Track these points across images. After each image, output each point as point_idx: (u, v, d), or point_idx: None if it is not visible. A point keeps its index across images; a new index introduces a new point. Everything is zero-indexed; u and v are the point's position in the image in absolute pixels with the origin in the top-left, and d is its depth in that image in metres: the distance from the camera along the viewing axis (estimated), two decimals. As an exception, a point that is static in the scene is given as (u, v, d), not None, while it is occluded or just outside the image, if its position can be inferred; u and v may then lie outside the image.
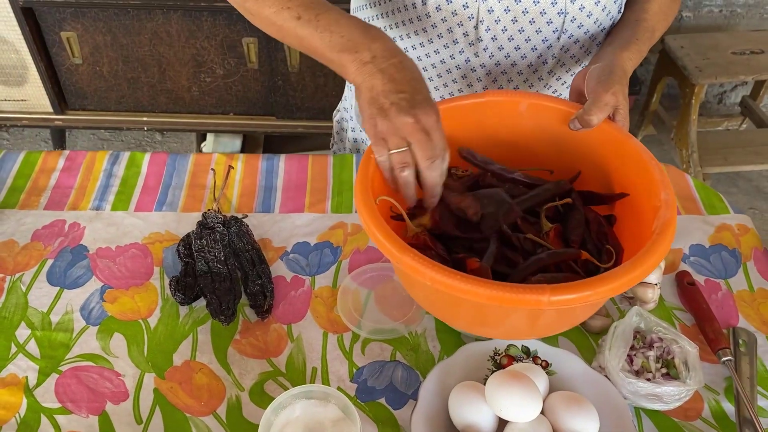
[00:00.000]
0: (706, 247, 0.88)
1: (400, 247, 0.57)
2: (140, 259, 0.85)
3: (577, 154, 0.69)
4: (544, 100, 0.69)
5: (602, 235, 0.66)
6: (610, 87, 0.66)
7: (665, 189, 0.61)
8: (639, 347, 0.72)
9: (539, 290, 0.52)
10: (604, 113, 0.66)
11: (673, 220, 0.59)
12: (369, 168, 0.64)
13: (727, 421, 0.70)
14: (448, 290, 0.55)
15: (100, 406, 0.70)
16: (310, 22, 0.66)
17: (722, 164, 2.02)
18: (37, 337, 0.76)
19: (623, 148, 0.67)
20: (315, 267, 0.85)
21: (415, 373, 0.74)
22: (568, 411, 0.65)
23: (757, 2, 2.25)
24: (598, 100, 0.66)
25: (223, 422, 0.69)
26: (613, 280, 0.54)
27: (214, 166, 0.96)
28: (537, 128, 0.70)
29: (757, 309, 0.80)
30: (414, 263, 0.56)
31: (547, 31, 0.78)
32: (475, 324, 0.65)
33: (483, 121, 0.70)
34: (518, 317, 0.61)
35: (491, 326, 0.65)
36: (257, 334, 0.77)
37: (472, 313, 0.63)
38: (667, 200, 0.60)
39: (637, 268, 0.55)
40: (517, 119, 0.70)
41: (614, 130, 0.68)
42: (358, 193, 0.62)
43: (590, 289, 0.53)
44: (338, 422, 0.65)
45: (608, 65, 0.69)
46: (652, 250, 0.56)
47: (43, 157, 0.99)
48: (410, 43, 0.82)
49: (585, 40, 0.81)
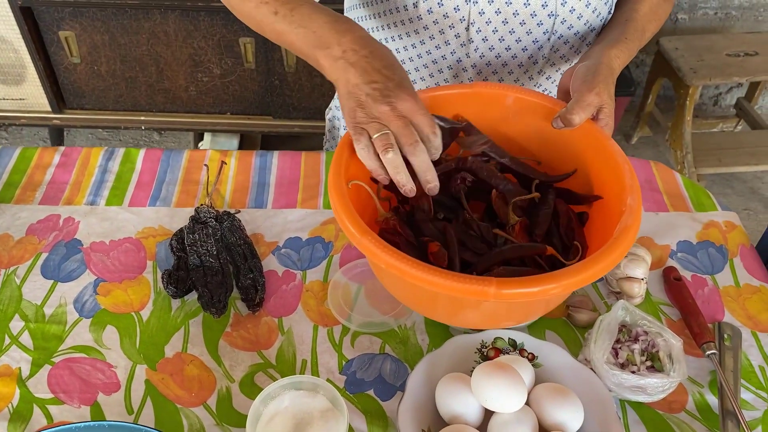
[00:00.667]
0: (693, 243, 0.89)
1: (362, 230, 0.57)
2: (133, 253, 0.86)
3: (559, 152, 0.70)
4: (529, 95, 0.70)
5: (570, 231, 0.66)
6: (594, 86, 0.66)
7: (632, 194, 0.61)
8: (624, 340, 0.73)
9: (486, 282, 0.53)
10: (587, 113, 0.66)
11: (633, 227, 0.59)
12: (343, 154, 0.65)
13: (710, 414, 0.71)
14: (400, 275, 0.56)
15: (92, 397, 0.71)
16: (285, 17, 0.67)
17: (716, 165, 2.03)
18: (31, 329, 0.77)
19: (602, 149, 0.67)
20: (306, 262, 0.86)
21: (403, 366, 0.75)
22: (553, 402, 0.66)
23: (752, 5, 2.26)
24: (581, 99, 0.66)
25: (213, 413, 0.70)
26: (562, 278, 0.55)
27: (208, 163, 0.97)
28: (522, 122, 0.70)
29: (743, 304, 0.81)
30: (372, 246, 0.56)
31: (538, 33, 0.79)
32: (428, 309, 0.67)
33: (470, 111, 0.71)
34: (469, 306, 0.62)
35: (443, 312, 0.66)
36: (248, 327, 0.78)
37: (426, 299, 0.64)
38: (632, 206, 0.60)
39: (588, 269, 0.55)
40: (503, 112, 0.71)
41: (595, 131, 0.68)
42: (331, 177, 0.62)
43: (537, 285, 0.54)
44: (326, 413, 0.66)
45: (594, 64, 0.69)
46: (605, 254, 0.56)
47: (39, 153, 1.00)
48: (402, 44, 0.83)
49: (575, 40, 0.82)
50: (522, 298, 0.54)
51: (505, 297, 0.53)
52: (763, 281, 0.84)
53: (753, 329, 0.79)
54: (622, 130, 2.42)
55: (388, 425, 0.69)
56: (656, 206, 0.94)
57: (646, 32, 0.77)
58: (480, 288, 0.53)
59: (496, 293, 0.52)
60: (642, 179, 0.97)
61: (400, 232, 0.64)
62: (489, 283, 0.53)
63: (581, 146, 0.68)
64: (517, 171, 0.69)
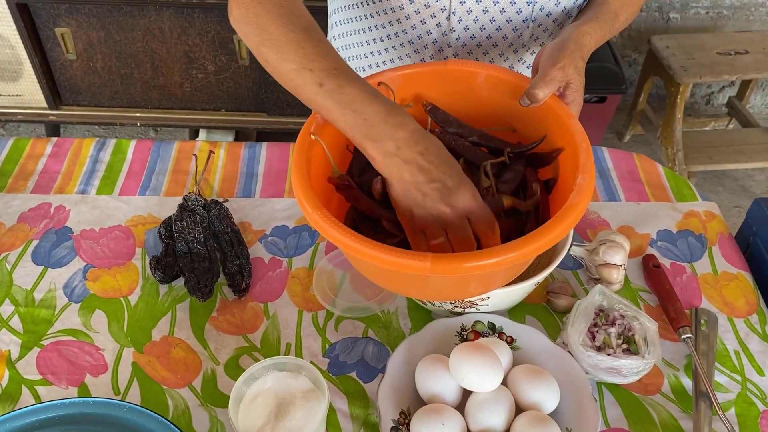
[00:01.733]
0: (673, 232, 0.90)
1: (313, 205, 0.59)
2: (123, 240, 0.88)
3: (527, 129, 0.70)
4: (500, 72, 0.71)
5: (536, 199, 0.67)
6: (559, 61, 0.66)
7: (584, 174, 0.60)
8: (602, 324, 0.74)
9: (422, 257, 0.54)
10: (551, 88, 0.65)
11: (579, 205, 0.58)
12: (305, 142, 0.66)
13: (685, 396, 0.72)
14: (344, 249, 0.57)
15: (79, 378, 0.73)
16: (332, 93, 0.61)
17: (707, 162, 2.05)
18: (21, 313, 0.79)
19: (563, 127, 0.66)
20: (293, 249, 0.87)
21: (385, 349, 0.76)
22: (529, 383, 0.67)
23: (744, 4, 2.28)
24: (545, 74, 0.65)
25: (198, 394, 0.72)
26: (497, 254, 0.55)
27: (197, 153, 0.99)
28: (494, 100, 0.71)
29: (720, 291, 0.83)
30: (321, 222, 0.58)
31: (517, 21, 0.81)
32: (375, 276, 0.68)
33: (445, 87, 0.72)
34: (408, 278, 0.63)
35: (385, 281, 0.68)
36: (234, 312, 0.80)
37: (373, 269, 0.66)
38: (581, 185, 0.59)
39: (522, 247, 0.55)
40: (476, 89, 0.72)
41: (558, 109, 0.67)
42: (294, 155, 0.64)
43: (474, 261, 0.55)
44: (308, 393, 0.67)
45: (563, 40, 0.69)
46: (544, 232, 0.56)
47: (32, 144, 1.01)
48: (385, 32, 0.85)
49: (554, 27, 0.83)
50: (455, 273, 0.55)
51: (440, 272, 0.54)
52: (740, 269, 0.86)
53: (729, 315, 0.80)
54: (615, 128, 2.44)
55: (369, 405, 0.71)
56: (638, 196, 0.95)
57: (619, 16, 0.77)
58: (416, 263, 0.54)
59: (430, 268, 0.54)
60: (624, 170, 0.99)
61: (351, 186, 0.65)
62: (424, 258, 0.54)
63: (546, 123, 0.68)
64: (488, 145, 0.70)
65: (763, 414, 0.71)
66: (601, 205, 0.94)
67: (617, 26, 0.78)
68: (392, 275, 0.64)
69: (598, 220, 0.92)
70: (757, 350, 0.77)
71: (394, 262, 0.55)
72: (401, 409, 0.68)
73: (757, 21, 2.32)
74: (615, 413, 0.71)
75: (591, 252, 0.82)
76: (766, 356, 0.76)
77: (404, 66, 0.74)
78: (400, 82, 0.72)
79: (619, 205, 0.94)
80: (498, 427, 0.65)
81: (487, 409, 0.65)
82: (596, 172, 0.99)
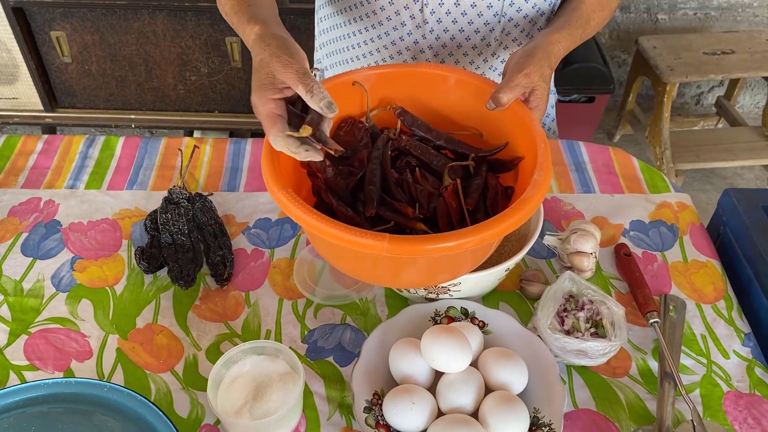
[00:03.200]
0: (645, 222, 0.93)
1: (280, 186, 0.61)
2: (110, 233, 0.90)
3: (493, 132, 0.73)
4: (469, 77, 0.74)
5: (495, 204, 0.69)
6: (524, 68, 0.69)
7: (540, 171, 0.63)
8: (571, 309, 0.77)
9: (380, 237, 0.57)
10: (514, 93, 0.68)
11: (531, 200, 0.61)
12: None
13: (652, 378, 0.75)
14: (305, 227, 0.60)
15: (65, 364, 0.75)
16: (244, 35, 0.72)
17: (694, 161, 2.07)
18: (9, 302, 0.81)
19: (525, 130, 0.69)
20: (275, 240, 0.90)
21: (362, 335, 0.78)
22: (498, 364, 0.70)
23: (731, 5, 2.31)
24: (510, 80, 0.69)
25: (179, 378, 0.74)
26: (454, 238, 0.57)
27: (183, 148, 1.02)
28: (462, 103, 0.74)
29: (690, 278, 0.85)
30: (287, 202, 0.60)
31: (488, 15, 0.83)
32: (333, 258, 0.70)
33: (416, 89, 0.75)
34: (365, 261, 0.65)
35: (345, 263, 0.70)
36: (216, 301, 0.82)
37: (332, 252, 0.68)
38: (536, 181, 0.62)
39: (475, 234, 0.58)
40: (446, 92, 0.74)
41: (521, 112, 0.70)
42: (265, 145, 0.66)
43: (432, 243, 0.57)
44: (284, 376, 0.70)
45: (532, 47, 0.72)
46: (500, 219, 0.59)
47: (23, 141, 1.04)
48: (362, 25, 0.88)
49: (525, 23, 0.86)
50: (411, 254, 0.58)
51: (396, 251, 0.57)
52: (710, 257, 0.88)
53: (698, 301, 0.83)
54: (605, 128, 2.47)
55: (345, 388, 0.73)
56: (612, 188, 0.98)
57: (591, 20, 0.80)
58: (373, 242, 0.57)
59: (386, 248, 0.56)
60: (600, 163, 1.02)
61: (318, 175, 0.68)
62: (382, 238, 0.57)
63: (511, 126, 0.71)
64: (454, 150, 0.73)
65: (727, 395, 0.73)
66: (576, 196, 0.96)
67: (589, 31, 0.81)
68: (355, 259, 0.67)
69: (572, 211, 0.94)
70: (723, 334, 0.79)
71: (352, 241, 0.58)
72: (375, 391, 0.70)
73: (744, 22, 2.35)
74: (583, 395, 0.73)
75: (563, 241, 0.85)
76: (732, 340, 0.78)
77: (378, 66, 0.77)
78: (374, 81, 0.75)
79: (593, 197, 0.96)
80: (467, 407, 0.67)
81: (456, 390, 0.67)
82: (572, 165, 1.01)
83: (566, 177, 0.99)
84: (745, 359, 0.76)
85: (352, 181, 0.71)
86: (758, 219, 0.85)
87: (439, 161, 0.71)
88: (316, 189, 0.72)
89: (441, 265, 0.66)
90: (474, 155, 0.71)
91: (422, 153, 0.72)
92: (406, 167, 0.71)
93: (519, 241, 0.82)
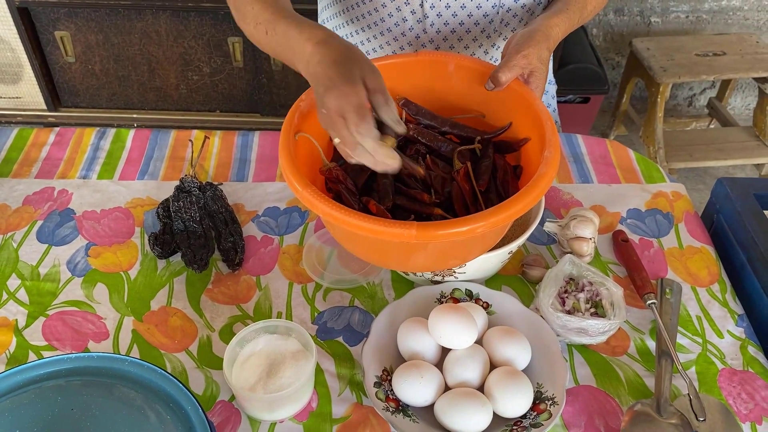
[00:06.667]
0: (642, 210, 0.96)
1: (303, 184, 0.63)
2: (123, 220, 0.93)
3: (496, 113, 0.76)
4: (468, 62, 0.76)
5: (506, 183, 0.72)
6: (523, 49, 0.71)
7: (550, 148, 0.65)
8: (571, 291, 0.80)
9: (407, 225, 0.59)
10: (513, 73, 0.71)
11: (547, 175, 0.63)
12: (294, 116, 0.70)
13: (649, 356, 0.78)
14: (336, 222, 0.61)
15: (82, 344, 0.77)
16: (272, 36, 0.70)
17: (687, 160, 2.11)
18: (27, 286, 0.83)
19: (529, 108, 0.71)
20: (284, 228, 0.92)
21: (370, 316, 0.81)
22: (502, 341, 0.73)
23: (722, 8, 2.36)
24: (508, 60, 0.71)
25: (194, 357, 0.77)
26: (477, 220, 0.60)
27: (193, 140, 1.04)
28: (463, 87, 0.77)
29: (685, 263, 0.89)
30: (310, 197, 0.62)
31: (487, 6, 0.86)
32: (361, 250, 0.72)
33: (417, 77, 0.78)
34: (392, 248, 0.67)
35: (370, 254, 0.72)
36: (228, 284, 0.85)
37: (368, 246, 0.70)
38: (548, 158, 0.64)
39: (498, 213, 0.60)
40: (447, 79, 0.77)
41: (523, 92, 0.72)
42: (281, 137, 0.68)
43: (458, 226, 0.59)
44: (297, 353, 0.72)
45: (531, 30, 0.74)
46: (517, 200, 0.61)
47: (35, 133, 1.07)
48: (366, 22, 0.91)
49: (523, 13, 0.89)
50: (442, 239, 0.60)
51: (425, 238, 0.59)
52: (704, 243, 0.91)
53: (693, 284, 0.86)
54: (600, 129, 2.51)
55: (355, 366, 0.76)
56: (609, 179, 1.01)
57: (588, 4, 0.83)
58: (402, 231, 0.59)
59: (417, 234, 0.58)
60: (597, 155, 1.05)
61: (341, 180, 0.71)
62: (410, 226, 0.59)
63: (513, 106, 0.73)
64: (460, 134, 0.76)
65: (721, 372, 0.76)
66: (575, 186, 0.99)
67: (585, 15, 0.84)
68: (378, 246, 0.69)
69: (571, 200, 0.97)
70: (718, 315, 0.82)
71: (382, 231, 0.60)
72: (384, 367, 0.73)
73: (735, 24, 2.40)
74: (584, 372, 0.76)
75: (563, 227, 0.88)
76: (726, 321, 0.81)
77: (378, 58, 0.79)
78: None
79: (591, 187, 0.99)
80: (473, 381, 0.70)
81: (463, 365, 0.70)
82: (570, 157, 1.05)
83: (565, 168, 1.03)
84: (739, 338, 0.79)
85: (363, 177, 0.74)
86: (750, 206, 0.88)
87: (447, 146, 0.74)
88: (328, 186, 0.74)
89: (454, 250, 0.69)
90: (479, 138, 0.74)
91: (430, 140, 0.74)
92: (416, 155, 0.74)
93: (520, 227, 0.85)
